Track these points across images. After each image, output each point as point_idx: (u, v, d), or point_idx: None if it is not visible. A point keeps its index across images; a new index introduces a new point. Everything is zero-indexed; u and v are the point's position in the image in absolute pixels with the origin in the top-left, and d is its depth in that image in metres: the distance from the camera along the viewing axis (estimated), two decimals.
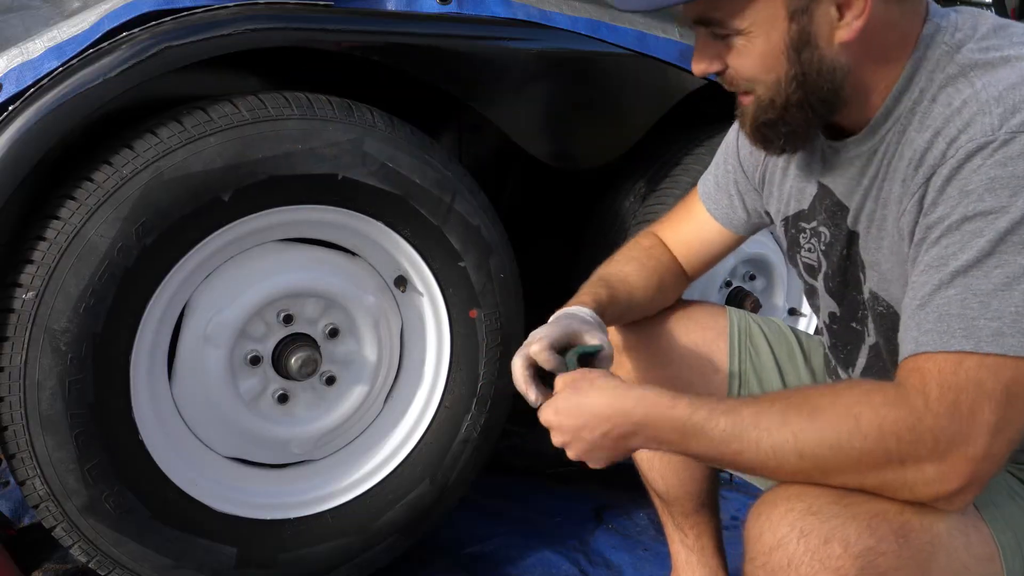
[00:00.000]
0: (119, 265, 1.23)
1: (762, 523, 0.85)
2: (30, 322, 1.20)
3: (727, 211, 1.26)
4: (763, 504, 0.87)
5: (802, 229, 1.13)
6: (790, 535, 0.82)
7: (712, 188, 1.28)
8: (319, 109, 1.36)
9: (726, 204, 1.26)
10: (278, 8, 1.32)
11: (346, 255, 1.52)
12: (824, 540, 0.80)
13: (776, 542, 0.83)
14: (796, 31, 0.88)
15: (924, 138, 0.89)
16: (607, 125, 1.72)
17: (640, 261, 1.28)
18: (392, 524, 1.57)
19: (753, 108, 0.96)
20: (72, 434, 1.24)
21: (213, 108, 1.30)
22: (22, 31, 1.28)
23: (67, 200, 1.22)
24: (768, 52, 0.90)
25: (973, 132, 0.83)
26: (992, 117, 0.83)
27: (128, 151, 1.24)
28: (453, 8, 1.48)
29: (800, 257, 1.16)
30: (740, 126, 1.01)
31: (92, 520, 1.29)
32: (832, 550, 0.80)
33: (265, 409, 1.48)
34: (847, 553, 0.80)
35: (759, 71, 0.92)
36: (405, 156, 1.43)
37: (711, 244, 1.30)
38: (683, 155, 1.86)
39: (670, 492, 1.37)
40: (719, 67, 0.95)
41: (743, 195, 1.24)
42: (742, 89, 0.96)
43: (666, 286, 1.28)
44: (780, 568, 0.82)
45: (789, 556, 0.81)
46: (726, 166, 1.26)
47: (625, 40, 1.65)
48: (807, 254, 1.14)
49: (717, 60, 0.95)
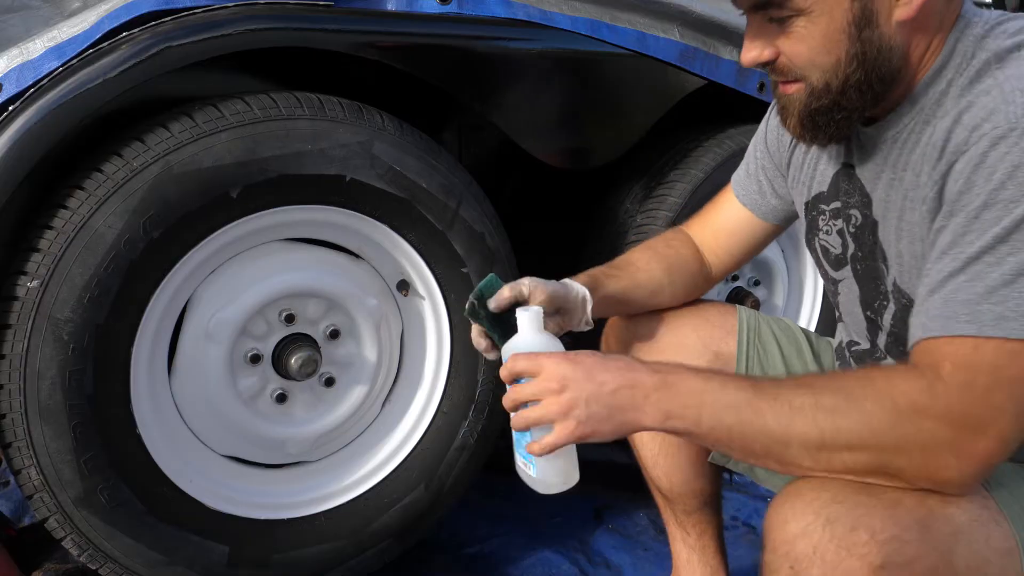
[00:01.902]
0: (125, 257, 1.24)
1: (786, 512, 0.84)
2: (34, 310, 1.20)
3: (756, 198, 1.26)
4: (786, 495, 0.86)
5: (822, 211, 1.12)
6: (815, 523, 0.81)
7: (743, 176, 1.28)
8: (330, 110, 1.37)
9: (755, 191, 1.26)
10: (278, 8, 1.33)
11: (350, 257, 1.52)
12: (850, 528, 0.80)
13: (801, 530, 0.82)
14: (859, 8, 0.88)
15: (945, 125, 0.90)
16: (607, 125, 1.73)
17: (655, 250, 1.27)
18: (386, 528, 1.56)
19: (805, 95, 0.94)
20: (70, 425, 1.24)
21: (225, 105, 1.30)
22: (22, 31, 1.29)
23: (76, 190, 1.23)
24: (830, 33, 0.90)
25: (997, 120, 0.84)
26: (1015, 107, 0.83)
27: (139, 144, 1.24)
28: (453, 8, 1.49)
29: (818, 240, 1.15)
30: (784, 117, 0.99)
31: (85, 512, 1.28)
32: (858, 537, 0.79)
33: (263, 408, 1.47)
34: (873, 540, 0.79)
35: (818, 53, 0.91)
36: (413, 160, 1.44)
37: (741, 234, 1.29)
38: (683, 155, 1.87)
39: (674, 489, 1.37)
40: (771, 55, 0.94)
41: (772, 181, 1.24)
42: (793, 76, 0.95)
43: (677, 278, 1.27)
44: (805, 556, 0.81)
45: (815, 544, 0.81)
46: (755, 153, 1.26)
47: (625, 40, 1.65)
48: (824, 236, 1.13)
49: (770, 47, 0.94)
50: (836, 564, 0.79)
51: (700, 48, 1.75)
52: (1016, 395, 0.80)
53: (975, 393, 0.80)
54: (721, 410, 0.87)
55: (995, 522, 0.86)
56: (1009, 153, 0.82)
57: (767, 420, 0.85)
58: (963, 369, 0.81)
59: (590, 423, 0.90)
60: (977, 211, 0.83)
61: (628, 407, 0.90)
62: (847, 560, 0.79)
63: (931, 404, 0.81)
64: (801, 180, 1.17)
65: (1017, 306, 0.80)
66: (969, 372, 0.81)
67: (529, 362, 0.93)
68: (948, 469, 0.82)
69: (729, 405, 0.87)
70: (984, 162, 0.84)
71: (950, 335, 0.82)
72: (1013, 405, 0.80)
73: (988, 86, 0.87)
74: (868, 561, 0.79)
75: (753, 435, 0.86)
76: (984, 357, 0.80)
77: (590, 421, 0.90)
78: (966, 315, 0.82)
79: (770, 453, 0.87)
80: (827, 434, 0.83)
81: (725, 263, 1.32)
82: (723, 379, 0.90)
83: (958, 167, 0.86)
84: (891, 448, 0.82)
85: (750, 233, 1.29)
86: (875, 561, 0.79)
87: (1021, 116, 0.82)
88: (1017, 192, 0.81)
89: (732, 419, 0.87)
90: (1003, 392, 0.80)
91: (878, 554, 0.79)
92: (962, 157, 0.86)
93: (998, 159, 0.82)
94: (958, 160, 0.86)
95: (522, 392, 0.93)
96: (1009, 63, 0.88)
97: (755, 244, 1.31)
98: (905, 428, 0.81)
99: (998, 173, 0.82)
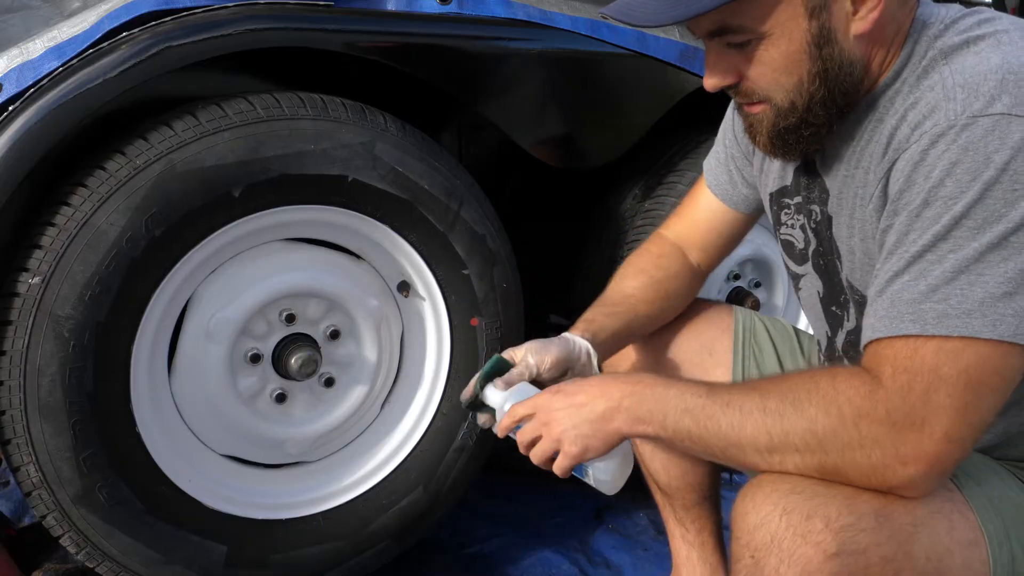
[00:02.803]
0: (127, 255, 1.24)
1: (747, 504, 0.87)
2: (35, 307, 1.20)
3: (727, 188, 1.27)
4: (749, 487, 0.89)
5: (785, 205, 1.13)
6: (773, 513, 0.84)
7: (714, 164, 1.29)
8: (332, 111, 1.37)
9: (726, 181, 1.26)
10: (278, 8, 1.33)
11: (351, 258, 1.52)
12: (806, 517, 0.82)
13: (760, 520, 0.85)
14: (816, 28, 0.89)
15: (891, 124, 0.91)
16: (607, 125, 1.73)
17: (648, 273, 1.28)
18: (384, 530, 1.56)
19: (772, 115, 0.95)
20: (70, 422, 1.24)
21: (228, 104, 1.31)
22: (22, 31, 1.29)
23: (78, 187, 1.23)
24: (790, 53, 0.90)
25: (937, 118, 0.84)
26: (956, 103, 0.84)
27: (142, 142, 1.25)
28: (453, 8, 1.49)
29: (780, 234, 1.16)
30: (753, 135, 1.00)
31: (84, 510, 1.28)
32: (813, 525, 0.82)
33: (262, 408, 1.47)
34: (828, 528, 0.81)
35: (781, 74, 0.92)
36: (415, 161, 1.44)
37: (719, 227, 1.30)
38: (683, 156, 1.87)
39: (672, 483, 1.38)
40: (734, 79, 0.95)
41: (741, 170, 1.25)
42: (757, 98, 0.95)
43: (674, 294, 1.28)
44: (763, 545, 0.83)
45: (772, 533, 0.83)
46: (724, 141, 1.27)
47: (625, 40, 1.66)
48: (787, 230, 1.14)
49: (732, 72, 0.94)
50: (792, 551, 0.81)
51: (700, 48, 1.76)
52: (956, 393, 0.80)
53: (914, 395, 0.80)
54: (680, 415, 0.92)
55: (959, 513, 0.87)
56: (948, 151, 0.82)
57: (720, 425, 0.89)
58: (902, 372, 0.81)
59: (580, 443, 0.98)
60: (918, 209, 0.84)
61: (607, 418, 0.97)
62: (802, 547, 0.81)
63: (872, 409, 0.82)
64: (765, 171, 1.17)
65: (959, 303, 0.80)
66: (908, 374, 0.81)
67: (524, 407, 1.03)
68: (896, 473, 0.82)
69: (687, 410, 0.92)
70: (924, 160, 0.84)
71: (894, 335, 0.83)
72: (954, 403, 0.80)
73: (933, 82, 0.88)
74: (823, 549, 0.81)
75: (710, 439, 0.90)
76: (924, 358, 0.81)
77: (579, 441, 0.98)
78: (910, 315, 0.82)
79: (728, 456, 0.91)
80: (775, 438, 0.86)
81: (711, 255, 1.33)
82: (684, 386, 0.95)
83: (899, 165, 0.87)
84: (836, 452, 0.83)
85: (725, 225, 1.29)
86: (829, 549, 0.80)
87: (960, 113, 0.83)
88: (956, 189, 0.81)
89: (690, 423, 0.91)
90: (943, 392, 0.80)
91: (833, 541, 0.81)
92: (903, 155, 0.87)
93: (936, 157, 0.83)
94: (899, 158, 0.87)
95: (525, 435, 1.03)
96: (955, 58, 0.88)
97: (732, 236, 1.31)
98: (849, 433, 0.83)
99: (936, 170, 0.83)
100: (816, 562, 0.80)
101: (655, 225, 1.80)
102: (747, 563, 0.85)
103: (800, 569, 0.81)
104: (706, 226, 1.30)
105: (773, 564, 0.82)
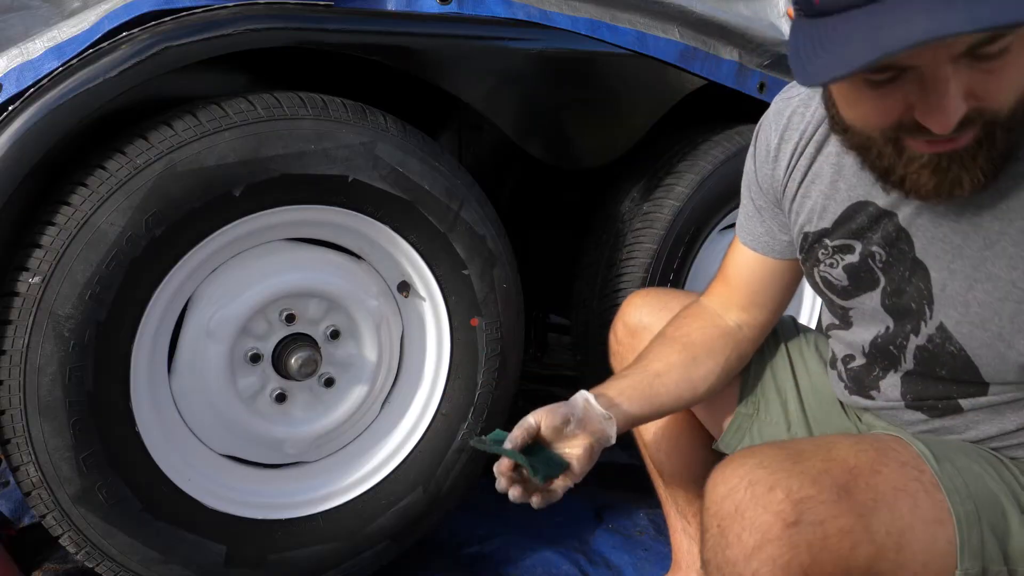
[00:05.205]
0: (127, 254, 1.24)
1: (716, 477, 0.91)
2: (35, 307, 1.20)
3: (766, 240, 1.19)
4: (721, 463, 0.92)
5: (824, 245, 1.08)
6: (739, 485, 0.87)
7: (744, 222, 1.22)
8: (333, 111, 1.37)
9: (763, 233, 1.19)
10: (278, 8, 1.33)
11: (351, 258, 1.52)
12: (769, 488, 0.86)
13: (727, 491, 0.88)
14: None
15: None
16: (607, 125, 1.73)
17: (662, 334, 1.24)
18: (383, 530, 1.56)
19: (986, 138, 0.81)
20: (69, 421, 1.24)
21: (229, 104, 1.30)
22: (22, 31, 1.29)
23: (78, 187, 1.23)
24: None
25: None
26: None
27: (143, 141, 1.25)
28: (453, 8, 1.49)
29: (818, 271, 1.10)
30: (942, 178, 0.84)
31: (83, 509, 1.28)
32: (775, 496, 0.85)
33: (262, 408, 1.47)
34: (788, 499, 0.84)
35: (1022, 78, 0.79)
36: (416, 162, 1.44)
37: (766, 280, 1.21)
38: (681, 158, 1.86)
39: (675, 473, 1.38)
40: (974, 103, 0.78)
41: (775, 219, 1.17)
42: (973, 124, 0.79)
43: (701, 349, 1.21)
44: (728, 514, 0.87)
45: (736, 503, 0.86)
46: (750, 195, 1.20)
47: (625, 40, 1.66)
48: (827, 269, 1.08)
49: (971, 95, 0.77)
50: (753, 520, 0.85)
51: (700, 48, 1.76)
52: None
53: None
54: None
55: (925, 492, 0.89)
56: None
57: None
58: None
59: None
60: None
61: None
62: (763, 516, 0.84)
63: None
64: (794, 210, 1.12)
65: None
66: None
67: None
68: None
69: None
70: None
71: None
72: None
73: None
74: (783, 518, 0.84)
75: None
76: None
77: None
78: None
79: None
80: None
81: (765, 315, 1.24)
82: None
83: None
84: None
85: (774, 275, 1.21)
86: (789, 518, 0.83)
87: None
88: None
89: None
90: None
91: (792, 511, 0.84)
92: None
93: None
94: None
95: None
96: None
97: (785, 284, 1.22)
98: None
99: None
100: (775, 530, 0.83)
101: (652, 227, 1.80)
102: (713, 532, 0.89)
103: (760, 536, 0.84)
104: (750, 284, 1.22)
105: (736, 531, 0.85)
